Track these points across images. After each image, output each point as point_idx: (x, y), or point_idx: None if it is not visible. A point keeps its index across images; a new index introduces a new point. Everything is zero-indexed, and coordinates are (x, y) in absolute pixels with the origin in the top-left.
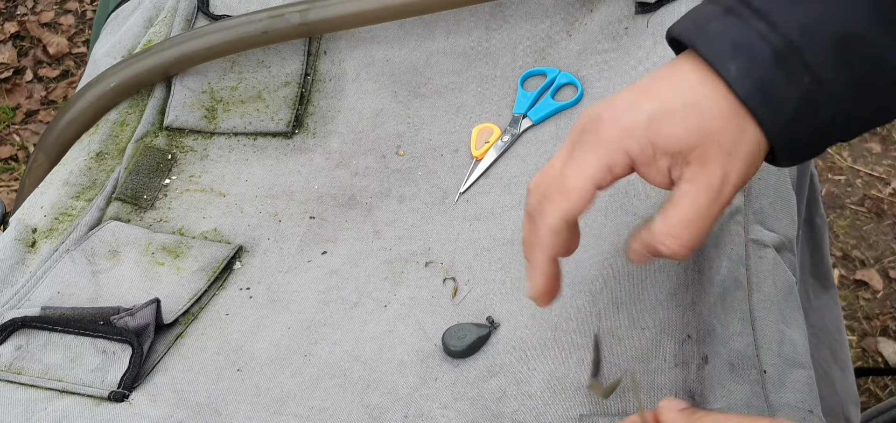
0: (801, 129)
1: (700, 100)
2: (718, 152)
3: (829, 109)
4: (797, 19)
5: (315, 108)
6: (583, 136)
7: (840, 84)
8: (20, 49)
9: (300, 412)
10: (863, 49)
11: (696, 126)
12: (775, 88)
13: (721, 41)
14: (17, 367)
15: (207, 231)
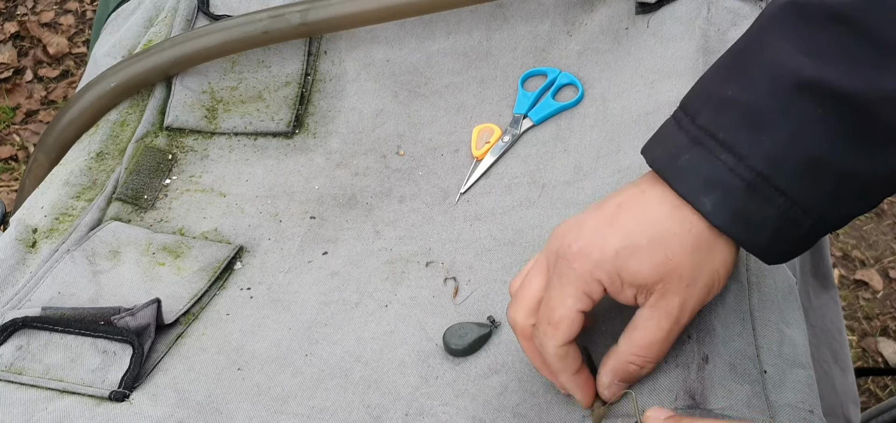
0: (785, 242)
1: (665, 234)
2: (679, 284)
3: (808, 220)
4: (762, 150)
5: (315, 108)
6: (558, 265)
7: (816, 199)
8: (20, 49)
9: (301, 411)
10: (832, 168)
11: (660, 262)
12: (752, 214)
13: (692, 177)
14: (17, 367)
15: (208, 231)
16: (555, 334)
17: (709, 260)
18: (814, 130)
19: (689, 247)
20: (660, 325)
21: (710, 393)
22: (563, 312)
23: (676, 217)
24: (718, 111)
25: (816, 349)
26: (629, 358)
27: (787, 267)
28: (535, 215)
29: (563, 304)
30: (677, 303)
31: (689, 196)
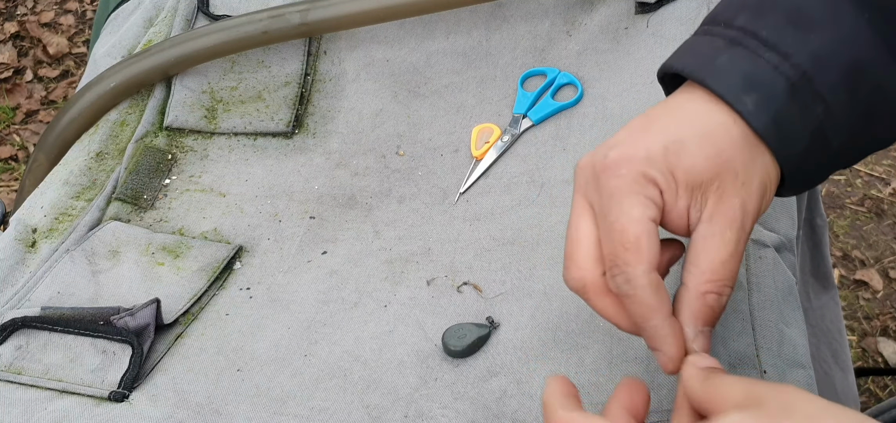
0: (813, 159)
1: (711, 129)
2: (735, 183)
3: (838, 138)
4: (809, 49)
5: (315, 108)
6: (602, 183)
7: (850, 113)
8: (20, 49)
9: (300, 412)
10: (871, 78)
11: (713, 155)
12: (791, 120)
13: (732, 75)
14: (17, 367)
15: (207, 231)
16: (638, 257)
17: (756, 160)
18: (860, 34)
19: (737, 140)
20: (724, 237)
21: None
22: (636, 227)
23: (716, 114)
24: (759, 13)
25: (816, 350)
26: (703, 288)
27: (787, 267)
28: (535, 215)
29: (631, 218)
30: (738, 205)
31: (728, 95)
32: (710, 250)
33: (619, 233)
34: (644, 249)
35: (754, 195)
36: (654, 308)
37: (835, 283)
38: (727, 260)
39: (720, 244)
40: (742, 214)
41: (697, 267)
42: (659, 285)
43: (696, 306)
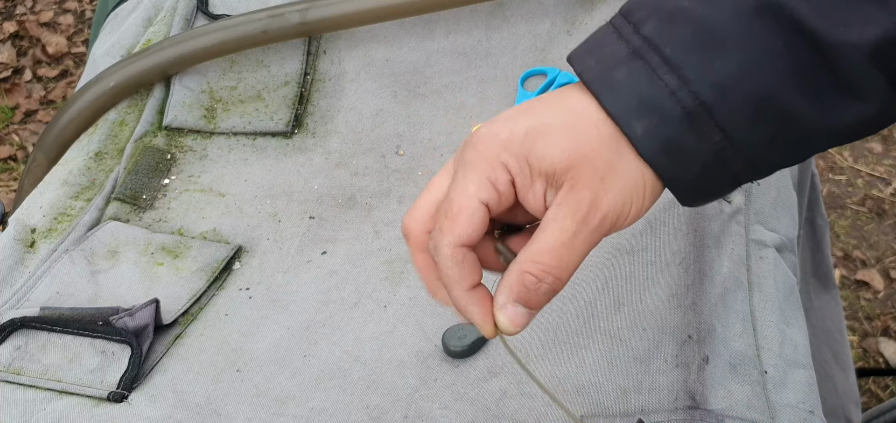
0: (708, 182)
1: (583, 122)
2: (591, 176)
3: (737, 163)
4: (712, 77)
5: (315, 107)
6: (464, 155)
7: (751, 141)
8: (19, 49)
9: (300, 412)
10: (776, 108)
11: (573, 146)
12: (683, 149)
13: (626, 94)
14: (16, 367)
15: (207, 231)
16: (451, 228)
17: (629, 168)
18: (772, 61)
19: (606, 138)
20: (564, 225)
21: (710, 394)
22: (462, 201)
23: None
24: (669, 23)
25: (817, 350)
26: (526, 267)
27: (788, 267)
28: None
29: (463, 192)
30: (587, 198)
31: (619, 117)
32: (546, 233)
33: (448, 201)
34: (459, 223)
35: (612, 194)
36: (455, 280)
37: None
38: (558, 248)
39: (556, 231)
40: (588, 207)
41: (530, 246)
42: (463, 260)
43: (514, 278)
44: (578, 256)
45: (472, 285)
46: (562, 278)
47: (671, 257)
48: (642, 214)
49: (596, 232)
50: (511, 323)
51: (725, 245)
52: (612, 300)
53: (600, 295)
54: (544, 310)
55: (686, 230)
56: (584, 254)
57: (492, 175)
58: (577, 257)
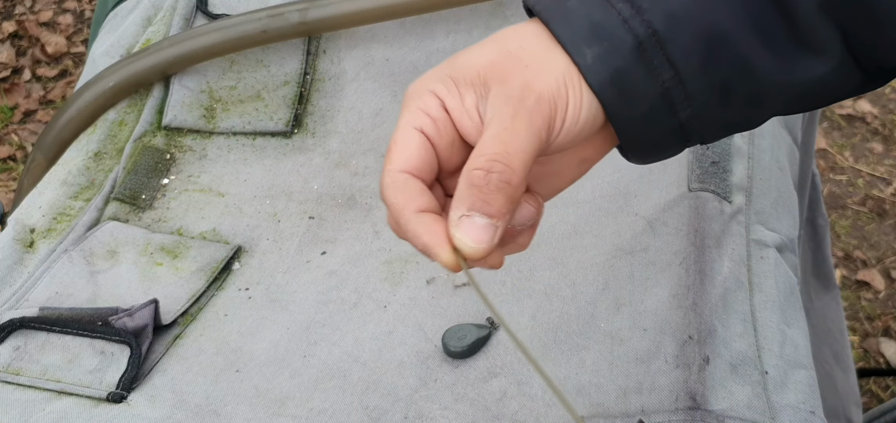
0: (655, 128)
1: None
2: (517, 67)
3: (686, 109)
4: (665, 7)
5: (314, 107)
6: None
7: (702, 84)
8: (18, 48)
9: (299, 413)
10: (730, 50)
11: (494, 50)
12: (632, 82)
13: (578, 20)
14: (15, 368)
15: (206, 231)
16: (388, 160)
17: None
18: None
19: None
20: (500, 114)
21: (711, 394)
22: (396, 134)
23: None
24: None
25: (818, 350)
26: (472, 165)
27: (789, 268)
28: None
29: (397, 127)
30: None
31: (568, 43)
32: (486, 129)
33: (390, 143)
34: (396, 151)
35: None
36: (400, 206)
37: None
38: (498, 134)
39: (494, 121)
40: (521, 89)
41: (475, 149)
42: (404, 185)
43: (462, 186)
44: (523, 140)
45: (420, 209)
46: (511, 164)
47: (672, 257)
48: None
49: (535, 113)
50: (470, 238)
51: (726, 245)
52: (613, 301)
53: (600, 295)
54: (545, 310)
55: (686, 231)
56: (532, 142)
57: (421, 104)
58: (522, 142)
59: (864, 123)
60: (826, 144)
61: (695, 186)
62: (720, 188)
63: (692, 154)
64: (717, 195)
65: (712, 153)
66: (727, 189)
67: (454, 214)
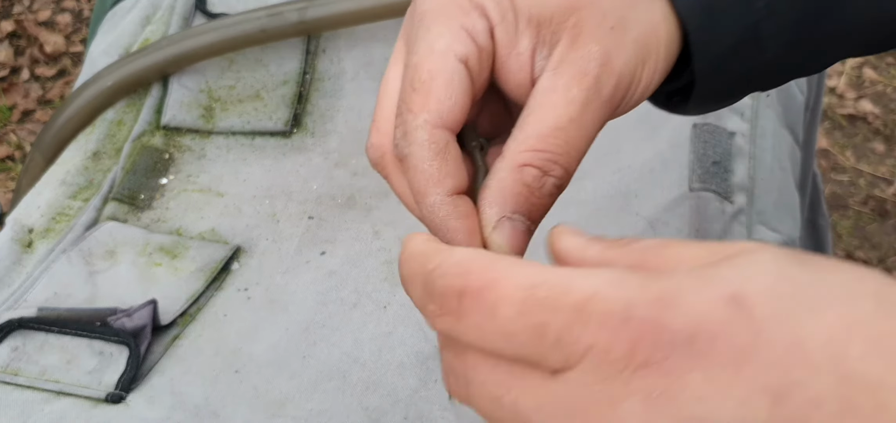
0: (734, 67)
1: None
2: (600, 24)
3: (771, 47)
4: None
5: (314, 107)
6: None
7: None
8: (17, 48)
9: (299, 414)
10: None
11: None
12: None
13: None
14: (13, 368)
15: (205, 231)
16: (425, 103)
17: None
18: None
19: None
20: (570, 94)
21: None
22: (433, 62)
23: None
24: None
25: None
26: (522, 158)
27: None
28: None
29: (430, 50)
30: (597, 53)
31: None
32: (546, 108)
33: (412, 69)
34: (435, 91)
35: (627, 50)
36: (432, 179)
37: None
38: (566, 126)
39: (561, 102)
40: (599, 67)
41: (523, 130)
42: (445, 150)
43: (508, 180)
44: (588, 138)
45: (456, 190)
46: (570, 168)
47: None
48: (651, 88)
49: (607, 105)
50: (509, 244)
51: None
52: None
53: None
54: None
55: (688, 231)
56: (593, 136)
57: (464, 21)
58: (586, 140)
59: (866, 123)
60: (827, 143)
61: (696, 187)
62: (721, 188)
63: (693, 154)
64: (718, 195)
65: (713, 153)
66: (728, 189)
67: (494, 211)
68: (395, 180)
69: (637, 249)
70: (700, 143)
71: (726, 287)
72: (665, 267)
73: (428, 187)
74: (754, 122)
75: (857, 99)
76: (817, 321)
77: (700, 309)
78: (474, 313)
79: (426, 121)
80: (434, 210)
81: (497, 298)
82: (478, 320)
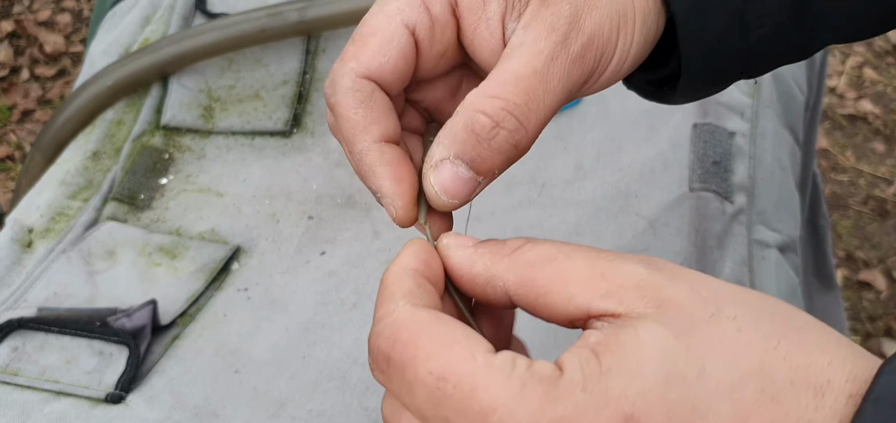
0: (721, 53)
1: None
2: None
3: (757, 30)
4: None
5: (314, 107)
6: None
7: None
8: (16, 48)
9: (299, 415)
10: None
11: None
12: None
13: None
14: (13, 369)
15: (205, 232)
16: (356, 53)
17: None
18: None
19: None
20: (537, 46)
21: None
22: (376, 20)
23: None
24: None
25: None
26: (479, 104)
27: (791, 268)
28: (535, 215)
29: (380, 11)
30: (566, 12)
31: None
32: (511, 59)
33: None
34: (370, 46)
35: (599, 12)
36: (359, 126)
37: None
38: (528, 76)
39: (526, 54)
40: (568, 24)
41: (486, 81)
42: (370, 99)
43: (459, 124)
44: (551, 95)
45: (383, 137)
46: (527, 125)
47: (673, 257)
48: (627, 62)
49: (576, 64)
50: (443, 190)
51: (728, 246)
52: None
53: None
54: None
55: (688, 231)
56: (559, 99)
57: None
58: (549, 97)
59: (866, 122)
60: (828, 143)
61: (696, 187)
62: (722, 188)
63: (693, 154)
64: (718, 195)
65: (714, 153)
66: (729, 189)
67: (437, 151)
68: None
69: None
70: (700, 143)
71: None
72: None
73: (354, 134)
74: (754, 122)
75: (857, 99)
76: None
77: None
78: (397, 383)
79: (353, 69)
80: (362, 157)
81: (413, 379)
82: (399, 390)
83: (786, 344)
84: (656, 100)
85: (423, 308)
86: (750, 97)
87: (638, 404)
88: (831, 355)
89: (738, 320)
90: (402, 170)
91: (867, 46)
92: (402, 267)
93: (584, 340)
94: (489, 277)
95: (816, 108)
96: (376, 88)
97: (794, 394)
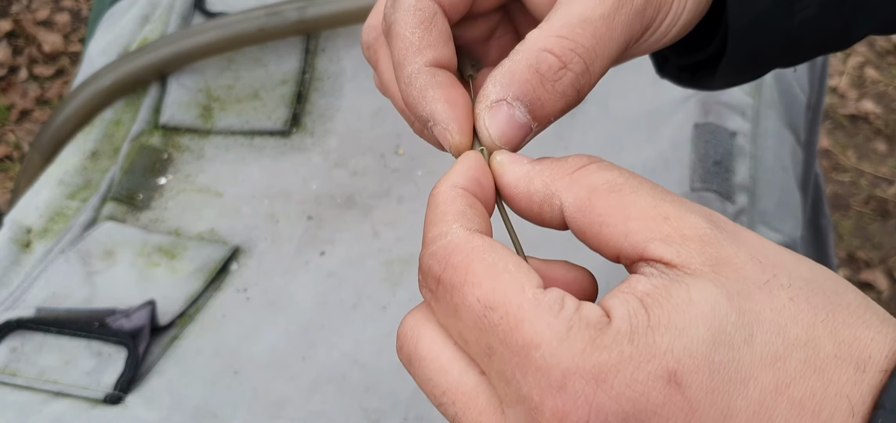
0: (764, 35)
1: None
2: None
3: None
4: None
5: (313, 106)
6: None
7: None
8: (15, 47)
9: (298, 416)
10: None
11: None
12: None
13: None
14: (11, 369)
15: (204, 232)
16: None
17: None
18: None
19: None
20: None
21: None
22: None
23: None
24: None
25: None
26: (543, 43)
27: None
28: None
29: None
30: None
31: None
32: (576, 3)
33: None
34: None
35: None
36: (412, 46)
37: None
38: (595, 20)
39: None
40: None
41: (549, 22)
42: (432, 20)
43: (522, 64)
44: (614, 44)
45: (437, 62)
46: (592, 69)
47: None
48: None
49: (638, 16)
50: (500, 132)
51: None
52: None
53: (601, 296)
54: None
55: None
56: (619, 49)
57: None
58: (613, 45)
59: (868, 123)
60: (829, 143)
61: (697, 187)
62: (723, 189)
63: (694, 154)
64: (719, 195)
65: (715, 153)
66: (730, 189)
67: (493, 90)
68: (382, 65)
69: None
70: (701, 143)
71: (664, 363)
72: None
73: (407, 56)
74: (756, 121)
75: (858, 99)
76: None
77: (637, 389)
78: (444, 305)
79: None
80: (411, 80)
81: (460, 303)
82: (445, 312)
83: (833, 318)
84: (691, 86)
85: (477, 234)
86: (751, 97)
87: (683, 361)
88: (874, 331)
89: (791, 288)
90: (457, 93)
91: (869, 46)
92: (452, 184)
93: (630, 286)
94: (548, 194)
95: (818, 107)
96: (439, 11)
97: (836, 368)
